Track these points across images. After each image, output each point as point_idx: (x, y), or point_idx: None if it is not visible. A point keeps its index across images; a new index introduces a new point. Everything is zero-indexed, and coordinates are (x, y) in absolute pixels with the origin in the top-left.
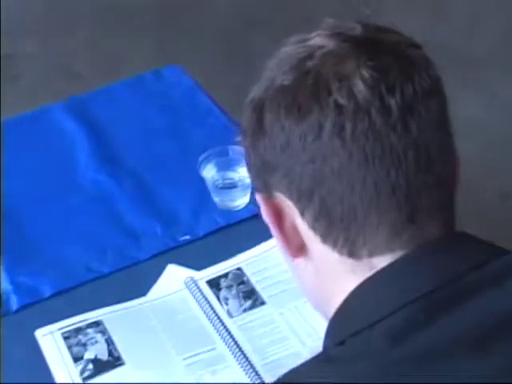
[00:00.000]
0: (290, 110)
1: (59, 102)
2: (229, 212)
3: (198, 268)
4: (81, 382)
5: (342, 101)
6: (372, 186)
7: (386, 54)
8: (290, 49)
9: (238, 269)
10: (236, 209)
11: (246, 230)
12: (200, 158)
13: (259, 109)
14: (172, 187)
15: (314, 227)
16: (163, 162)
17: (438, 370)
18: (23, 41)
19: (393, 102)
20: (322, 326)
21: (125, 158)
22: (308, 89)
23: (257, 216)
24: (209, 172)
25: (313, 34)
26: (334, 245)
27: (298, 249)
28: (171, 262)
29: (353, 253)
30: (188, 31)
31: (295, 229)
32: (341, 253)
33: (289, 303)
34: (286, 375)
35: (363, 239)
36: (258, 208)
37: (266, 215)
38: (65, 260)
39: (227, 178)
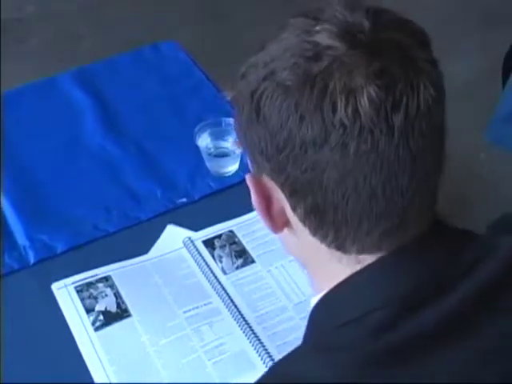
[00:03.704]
0: (292, 115)
1: (66, 72)
2: (221, 178)
3: (194, 227)
4: (93, 331)
5: (347, 121)
6: (367, 200)
7: (394, 62)
8: (293, 40)
9: (230, 231)
10: (227, 175)
11: (235, 194)
12: (196, 129)
13: (257, 99)
14: (170, 154)
15: (304, 222)
16: (162, 130)
17: (417, 362)
18: (25, 4)
19: (396, 122)
20: (304, 283)
21: (128, 127)
22: (313, 101)
23: (245, 182)
24: (203, 141)
25: (318, 28)
26: (323, 239)
27: (282, 225)
28: (170, 223)
29: (341, 248)
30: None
31: (283, 213)
32: (329, 246)
33: (276, 262)
34: (278, 364)
35: (352, 240)
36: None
37: (254, 196)
38: (75, 219)
39: (220, 147)
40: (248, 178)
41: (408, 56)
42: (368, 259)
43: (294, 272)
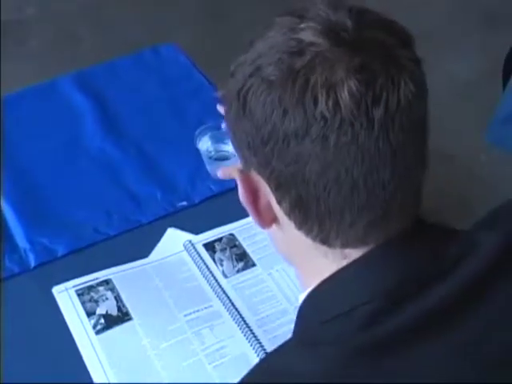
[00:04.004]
0: (275, 109)
1: (66, 75)
2: (221, 181)
3: (194, 230)
4: (94, 334)
5: (328, 114)
6: (349, 192)
7: (376, 59)
8: (279, 38)
9: (231, 234)
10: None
11: (236, 197)
12: (196, 132)
13: (243, 95)
14: (170, 157)
15: (289, 215)
16: (162, 133)
17: (398, 356)
18: (26, 6)
19: (377, 115)
20: None
21: (128, 129)
22: (295, 95)
23: None
24: (204, 144)
25: (303, 25)
26: (308, 233)
27: (270, 221)
28: (170, 226)
29: (326, 242)
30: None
31: (270, 208)
32: (314, 240)
33: (276, 265)
34: (267, 357)
35: (336, 234)
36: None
37: (241, 190)
38: (76, 223)
39: (220, 151)
40: (237, 174)
41: (391, 55)
42: (353, 254)
43: (294, 275)
